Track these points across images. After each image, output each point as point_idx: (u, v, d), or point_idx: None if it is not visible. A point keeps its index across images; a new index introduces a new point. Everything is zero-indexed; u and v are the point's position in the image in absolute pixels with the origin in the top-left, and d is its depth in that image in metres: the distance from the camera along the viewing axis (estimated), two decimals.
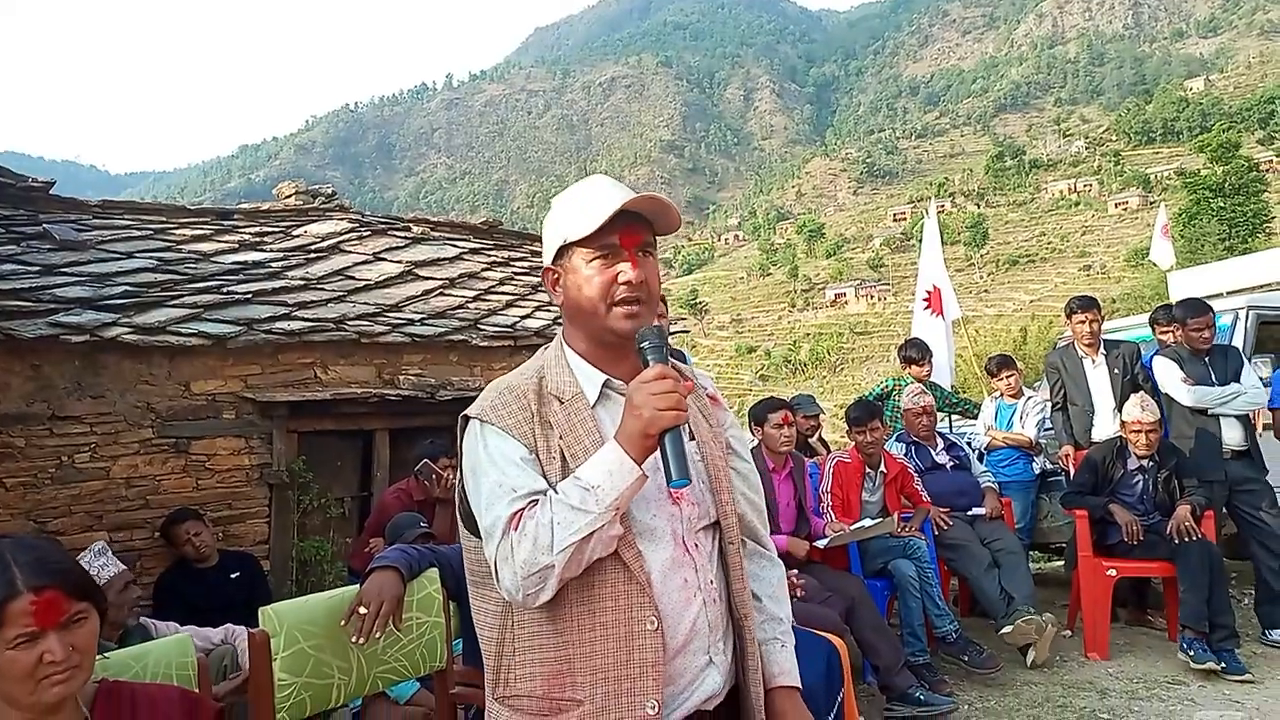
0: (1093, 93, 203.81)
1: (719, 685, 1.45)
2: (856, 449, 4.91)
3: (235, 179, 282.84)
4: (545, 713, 1.38)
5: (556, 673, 1.37)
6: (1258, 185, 40.82)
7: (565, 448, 1.40)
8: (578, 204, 1.49)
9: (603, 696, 1.35)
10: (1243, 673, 4.26)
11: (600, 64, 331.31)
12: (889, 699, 3.97)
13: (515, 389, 1.45)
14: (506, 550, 1.31)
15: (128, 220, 6.20)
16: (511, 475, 1.36)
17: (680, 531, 1.45)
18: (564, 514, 1.29)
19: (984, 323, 57.84)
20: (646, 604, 1.37)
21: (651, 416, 1.30)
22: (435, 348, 5.92)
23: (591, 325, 1.48)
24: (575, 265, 1.47)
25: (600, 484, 1.30)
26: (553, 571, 1.29)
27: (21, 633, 1.46)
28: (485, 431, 1.41)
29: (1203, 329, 5.09)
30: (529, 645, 1.39)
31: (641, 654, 1.35)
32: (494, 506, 1.34)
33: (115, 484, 4.65)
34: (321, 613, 2.25)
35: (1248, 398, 4.97)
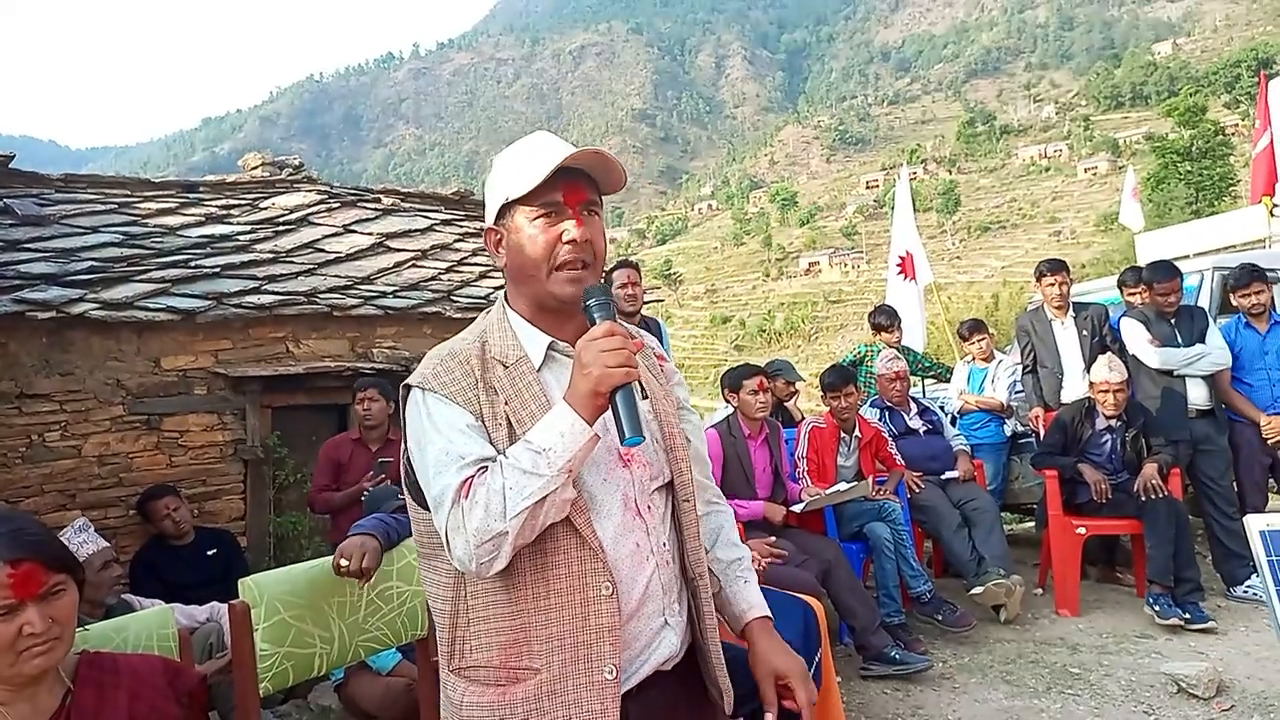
0: (1062, 57, 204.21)
1: (675, 647, 1.45)
2: (831, 414, 4.96)
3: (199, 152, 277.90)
4: (502, 682, 1.35)
5: (512, 642, 1.35)
6: (1224, 149, 41.25)
7: (511, 413, 1.36)
8: (519, 160, 1.44)
9: (560, 664, 1.33)
10: (1207, 622, 4.37)
11: (570, 31, 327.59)
12: (865, 658, 4.04)
13: (457, 354, 1.40)
14: (458, 519, 1.26)
15: (91, 194, 6.10)
16: (458, 442, 1.32)
17: (632, 495, 1.43)
18: (515, 479, 1.25)
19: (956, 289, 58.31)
20: (600, 570, 1.35)
21: (601, 374, 1.26)
22: (409, 320, 5.89)
23: (534, 288, 1.43)
24: (518, 224, 1.42)
25: (551, 446, 1.26)
26: (506, 538, 1.25)
27: (10, 599, 1.46)
28: (428, 399, 1.36)
29: (1169, 293, 5.16)
30: (483, 616, 1.36)
31: (597, 619, 1.34)
32: (442, 475, 1.30)
33: (87, 462, 4.61)
34: (302, 583, 2.25)
35: (1212, 358, 5.05)
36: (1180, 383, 5.10)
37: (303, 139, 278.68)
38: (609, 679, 1.33)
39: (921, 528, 5.05)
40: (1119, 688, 3.78)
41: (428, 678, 2.65)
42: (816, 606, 3.35)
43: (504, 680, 1.35)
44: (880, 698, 3.84)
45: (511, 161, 1.46)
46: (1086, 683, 3.85)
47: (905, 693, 3.87)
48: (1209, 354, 5.04)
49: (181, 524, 4.33)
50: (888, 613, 4.29)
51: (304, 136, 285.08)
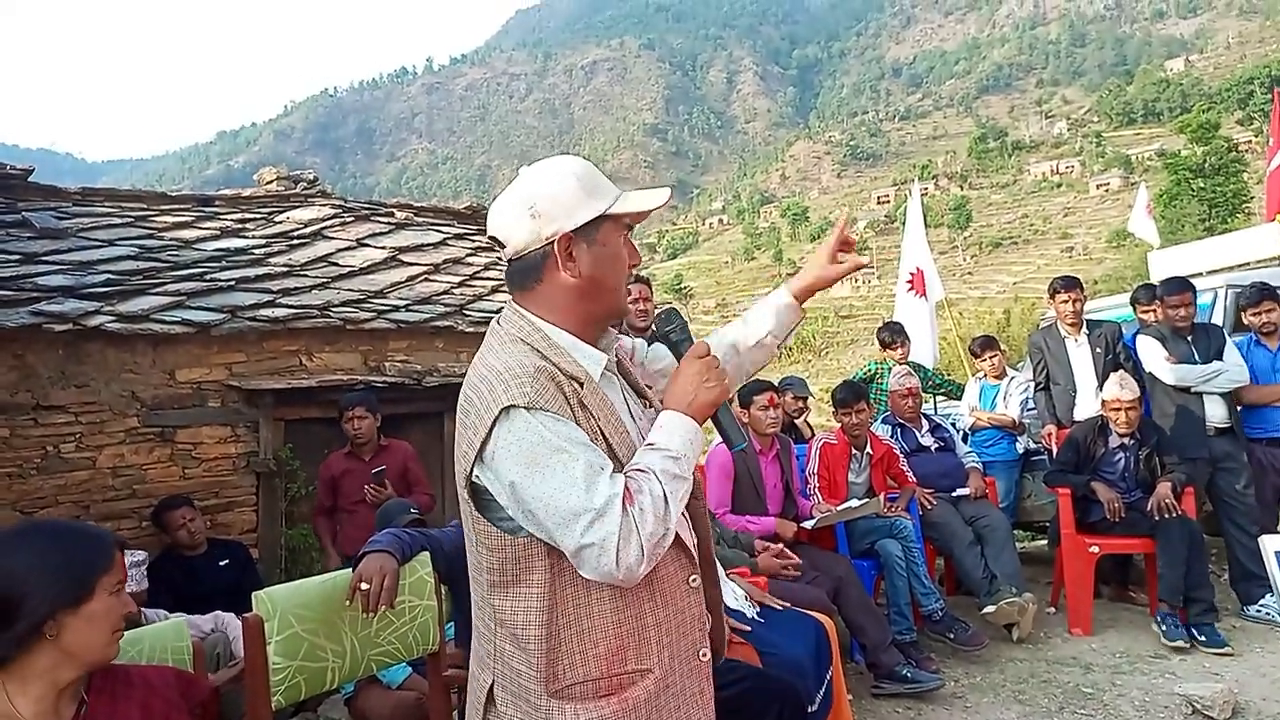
0: (1074, 73, 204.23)
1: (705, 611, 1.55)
2: (842, 430, 4.95)
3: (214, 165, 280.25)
4: (609, 691, 1.37)
5: (616, 649, 1.38)
6: (1237, 166, 41.13)
7: (603, 429, 1.40)
8: (601, 181, 1.47)
9: (669, 659, 1.41)
10: (1222, 646, 4.33)
11: (582, 46, 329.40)
12: (877, 676, 4.01)
13: (544, 372, 1.37)
14: (629, 526, 1.27)
15: (108, 208, 6.15)
16: (596, 456, 1.33)
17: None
18: (670, 483, 1.33)
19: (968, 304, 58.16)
20: (687, 563, 1.47)
21: (722, 390, 1.43)
22: (421, 334, 5.91)
23: (606, 303, 1.47)
24: (607, 240, 1.45)
25: (685, 453, 1.37)
26: (668, 539, 1.33)
27: (119, 580, 1.60)
28: (542, 419, 1.32)
29: (1180, 306, 5.14)
30: (581, 630, 1.37)
31: (691, 610, 1.45)
32: (595, 487, 1.28)
33: (101, 473, 4.63)
34: (314, 597, 2.26)
35: (1229, 375, 5.01)
36: (1198, 400, 5.06)
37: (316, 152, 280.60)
38: (704, 661, 1.46)
39: (933, 545, 5.02)
40: (1132, 708, 3.75)
41: (438, 692, 2.65)
42: (828, 624, 3.34)
43: (611, 689, 1.37)
44: (892, 716, 3.82)
45: (593, 177, 1.47)
46: (1100, 703, 3.82)
47: (917, 711, 3.85)
48: (1226, 371, 5.01)
49: (196, 535, 4.35)
50: (899, 630, 4.26)
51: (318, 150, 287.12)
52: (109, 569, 1.57)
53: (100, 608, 1.54)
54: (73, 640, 1.52)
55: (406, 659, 2.53)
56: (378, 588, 2.28)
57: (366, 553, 2.40)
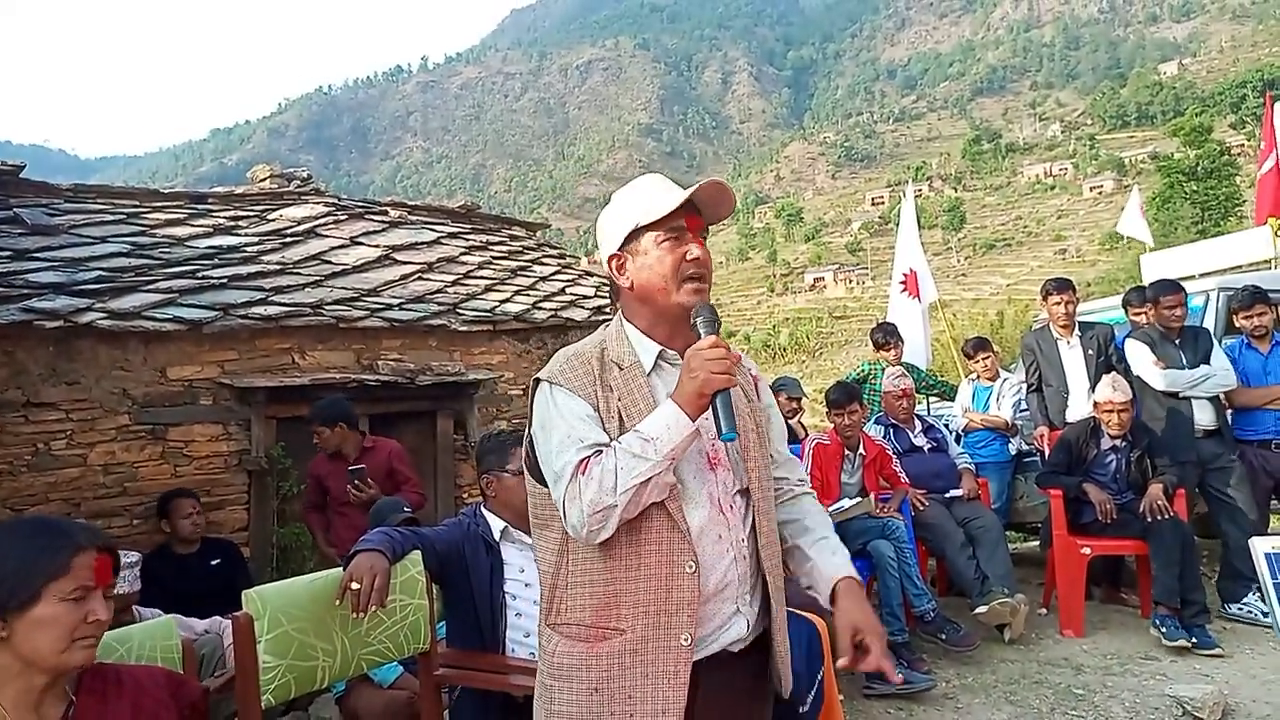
0: (1068, 76, 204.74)
1: (744, 632, 1.63)
2: (835, 431, 4.95)
3: (207, 163, 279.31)
4: (591, 639, 1.56)
5: (603, 605, 1.56)
6: (1229, 169, 41.33)
7: (623, 408, 1.59)
8: (645, 195, 1.67)
9: (642, 628, 1.53)
10: (1213, 648, 4.34)
11: (577, 46, 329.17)
12: (868, 677, 4.01)
13: (580, 355, 1.64)
14: (575, 491, 1.49)
15: (100, 204, 6.11)
16: (579, 428, 1.55)
17: (717, 494, 1.63)
18: (626, 461, 1.48)
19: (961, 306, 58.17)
20: (686, 550, 1.55)
21: (706, 378, 1.49)
22: (414, 332, 5.90)
23: (659, 301, 1.65)
24: (644, 248, 1.64)
25: (659, 435, 1.49)
26: (615, 511, 1.47)
27: (80, 586, 1.53)
28: (555, 391, 1.60)
29: (1175, 306, 5.16)
30: (580, 580, 1.58)
31: (679, 593, 1.54)
32: (564, 453, 1.52)
33: (92, 471, 4.61)
34: (305, 596, 2.25)
35: (1217, 379, 5.03)
36: (1186, 404, 5.08)
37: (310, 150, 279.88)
38: (684, 645, 1.53)
39: (925, 546, 5.03)
40: (1123, 709, 3.76)
41: (429, 691, 2.65)
42: (820, 625, 3.34)
43: (593, 637, 1.56)
44: (883, 717, 3.82)
45: (636, 197, 1.69)
46: (1090, 704, 3.83)
47: (908, 712, 3.86)
48: (1214, 375, 5.03)
49: (198, 529, 4.39)
50: (891, 631, 4.26)
51: (312, 148, 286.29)
52: (59, 575, 1.51)
53: (48, 614, 1.50)
54: (22, 644, 1.49)
55: (397, 658, 2.53)
56: (368, 587, 2.27)
57: (357, 551, 2.40)
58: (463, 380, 5.84)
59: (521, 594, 2.74)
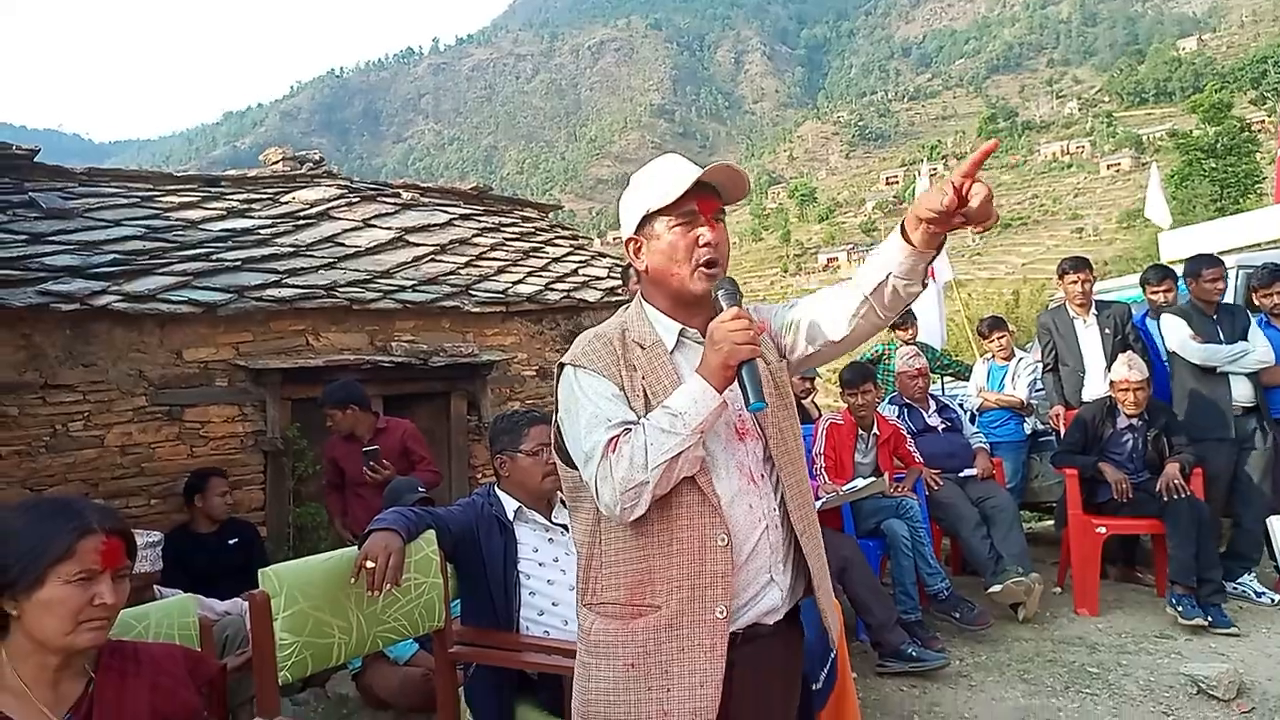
0: (1085, 53, 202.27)
1: (779, 601, 1.64)
2: (849, 411, 4.94)
3: (220, 146, 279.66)
4: (627, 617, 1.58)
5: (638, 582, 1.57)
6: (1250, 146, 40.74)
7: (647, 386, 1.59)
8: (658, 178, 1.66)
9: (678, 602, 1.54)
10: (1229, 627, 4.33)
11: (589, 26, 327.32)
12: (881, 655, 4.03)
13: (602, 336, 1.65)
14: (606, 470, 1.49)
15: (114, 188, 6.15)
16: (606, 408, 1.55)
17: (747, 464, 1.63)
18: (656, 437, 1.48)
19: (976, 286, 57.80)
20: (718, 523, 1.55)
21: (730, 350, 1.48)
22: (427, 314, 5.91)
23: (673, 285, 1.65)
24: (658, 232, 1.64)
25: (687, 410, 1.48)
26: (647, 488, 1.48)
27: (85, 569, 1.53)
28: (578, 374, 1.60)
29: (1216, 280, 5.07)
30: (614, 559, 1.59)
31: (713, 566, 1.54)
32: (593, 434, 1.53)
33: (110, 452, 4.66)
34: (320, 574, 2.27)
35: (1257, 355, 4.93)
36: (1224, 380, 5.00)
37: (323, 133, 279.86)
38: (720, 618, 1.54)
39: (939, 525, 5.02)
40: (1137, 688, 3.75)
41: (444, 668, 2.67)
42: (833, 603, 3.34)
43: (629, 615, 1.57)
44: (896, 695, 3.83)
45: (649, 179, 1.68)
46: (1105, 682, 3.83)
47: (922, 690, 3.86)
48: (1253, 351, 4.94)
49: (230, 508, 4.49)
50: (904, 610, 4.27)
51: (324, 131, 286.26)
52: (63, 558, 1.51)
53: (52, 596, 1.50)
54: (31, 625, 1.50)
55: (412, 635, 2.54)
56: (383, 566, 2.29)
57: (372, 530, 2.41)
58: (476, 361, 5.86)
59: (535, 573, 2.75)
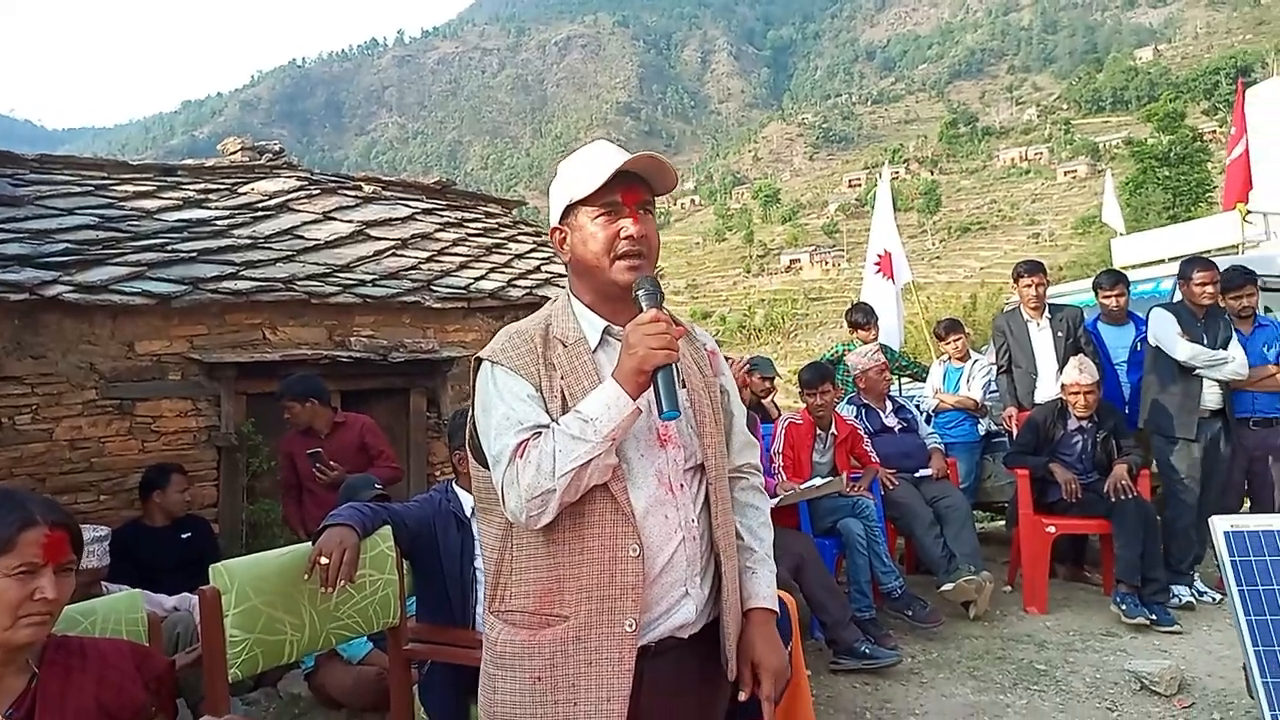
0: (1045, 60, 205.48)
1: (693, 615, 1.57)
2: (808, 410, 4.98)
3: (178, 136, 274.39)
4: (535, 626, 1.52)
5: (547, 591, 1.51)
6: (1202, 155, 41.72)
7: (566, 387, 1.53)
8: (582, 167, 1.61)
9: (586, 614, 1.48)
10: (1172, 625, 4.44)
11: (556, 22, 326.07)
12: (836, 652, 4.07)
13: (524, 333, 1.59)
14: (513, 475, 1.44)
15: (67, 176, 6.02)
16: (518, 409, 1.49)
17: (666, 472, 1.56)
18: (565, 443, 1.42)
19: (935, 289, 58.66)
20: (630, 533, 1.49)
21: (645, 354, 1.42)
22: (388, 309, 5.87)
23: (596, 278, 1.59)
24: (581, 223, 1.59)
25: (598, 416, 1.43)
26: (554, 495, 1.42)
27: (26, 563, 1.50)
28: (495, 371, 1.55)
29: (1206, 284, 5.03)
30: (524, 566, 1.54)
31: (623, 577, 1.48)
32: (502, 436, 1.47)
33: (58, 446, 4.57)
34: (273, 569, 2.25)
35: (1234, 366, 4.92)
36: (1197, 382, 5.01)
37: (284, 124, 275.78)
38: (628, 631, 1.48)
39: (894, 524, 5.09)
40: (1084, 684, 3.84)
41: (399, 667, 2.66)
42: (788, 600, 3.37)
43: (537, 624, 1.51)
44: (849, 691, 3.87)
45: (575, 168, 1.63)
46: (1052, 679, 3.91)
47: (874, 687, 3.91)
48: (1231, 362, 4.92)
49: (189, 504, 4.39)
50: (859, 608, 4.32)
51: (285, 122, 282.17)
52: (3, 551, 1.49)
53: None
54: None
55: (366, 632, 2.53)
56: (337, 562, 2.27)
57: (326, 526, 2.39)
58: (436, 357, 5.83)
59: None
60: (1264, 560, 2.48)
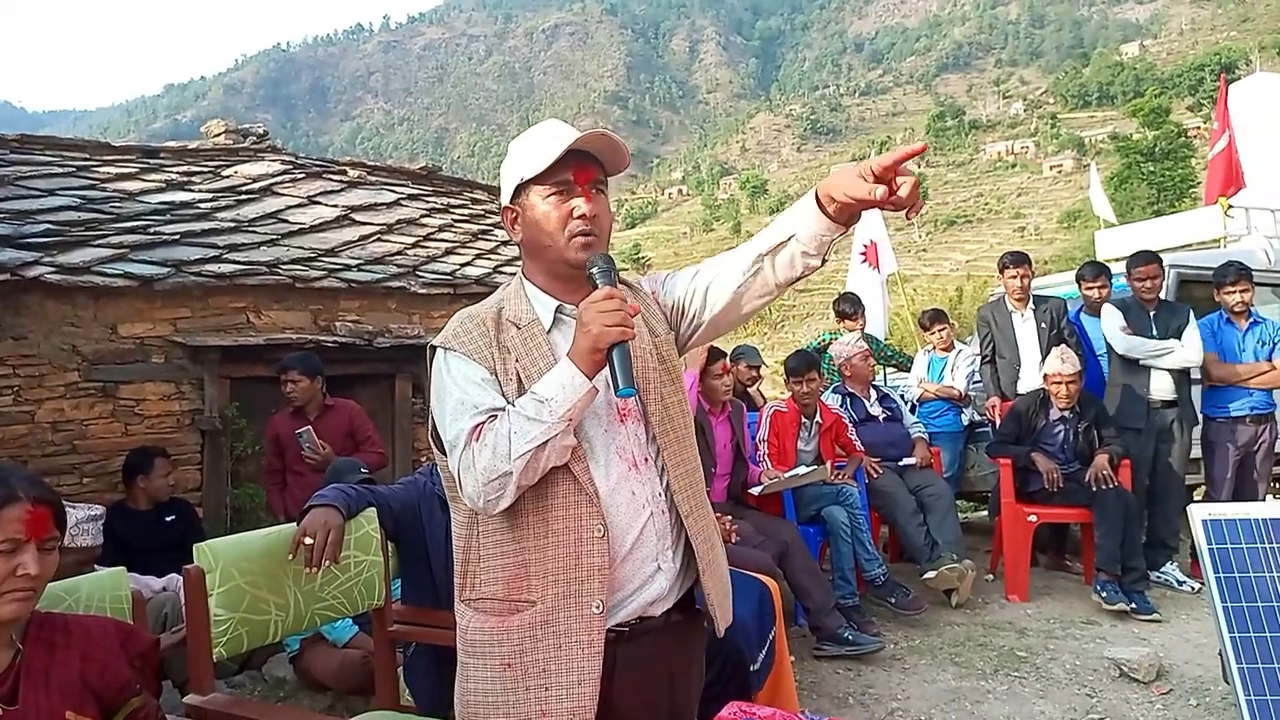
0: (1032, 54, 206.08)
1: (665, 589, 1.57)
2: (793, 399, 5.00)
3: (161, 119, 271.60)
4: (504, 613, 1.51)
5: (514, 576, 1.50)
6: (1186, 151, 42.05)
7: (521, 369, 1.51)
8: (533, 145, 1.57)
9: (553, 598, 1.47)
10: (1151, 612, 4.49)
11: (543, 9, 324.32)
12: (819, 639, 4.10)
13: (476, 317, 1.56)
14: (469, 460, 1.42)
15: (48, 156, 5.96)
16: (473, 394, 1.47)
17: (629, 448, 1.55)
18: (520, 424, 1.39)
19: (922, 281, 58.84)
20: (594, 514, 1.48)
21: (600, 332, 1.38)
22: (373, 294, 5.84)
23: (549, 257, 1.57)
24: (533, 202, 1.56)
25: (554, 396, 1.40)
26: (510, 479, 1.40)
27: (8, 539, 1.49)
28: (449, 357, 1.53)
29: (1145, 278, 5.17)
30: (491, 553, 1.53)
31: (589, 559, 1.47)
32: (457, 421, 1.45)
33: (40, 428, 4.54)
34: (258, 549, 2.24)
35: (1180, 355, 5.03)
36: (1145, 373, 5.15)
37: (268, 109, 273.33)
38: (596, 613, 1.47)
39: (878, 512, 5.12)
40: (1063, 671, 3.88)
41: (384, 649, 2.66)
42: (772, 587, 3.40)
43: (505, 611, 1.51)
44: (832, 677, 3.90)
45: (526, 146, 1.60)
46: (1032, 666, 3.95)
47: (857, 673, 3.94)
48: (1176, 350, 5.04)
49: (173, 489, 4.35)
50: (842, 595, 4.35)
51: (269, 106, 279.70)
52: None
53: None
54: None
55: (351, 614, 2.53)
56: (321, 542, 2.26)
57: (311, 506, 2.39)
58: (422, 343, 5.80)
59: None
60: (1240, 548, 2.51)
